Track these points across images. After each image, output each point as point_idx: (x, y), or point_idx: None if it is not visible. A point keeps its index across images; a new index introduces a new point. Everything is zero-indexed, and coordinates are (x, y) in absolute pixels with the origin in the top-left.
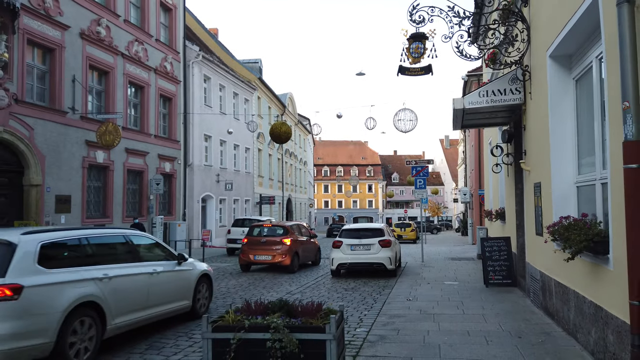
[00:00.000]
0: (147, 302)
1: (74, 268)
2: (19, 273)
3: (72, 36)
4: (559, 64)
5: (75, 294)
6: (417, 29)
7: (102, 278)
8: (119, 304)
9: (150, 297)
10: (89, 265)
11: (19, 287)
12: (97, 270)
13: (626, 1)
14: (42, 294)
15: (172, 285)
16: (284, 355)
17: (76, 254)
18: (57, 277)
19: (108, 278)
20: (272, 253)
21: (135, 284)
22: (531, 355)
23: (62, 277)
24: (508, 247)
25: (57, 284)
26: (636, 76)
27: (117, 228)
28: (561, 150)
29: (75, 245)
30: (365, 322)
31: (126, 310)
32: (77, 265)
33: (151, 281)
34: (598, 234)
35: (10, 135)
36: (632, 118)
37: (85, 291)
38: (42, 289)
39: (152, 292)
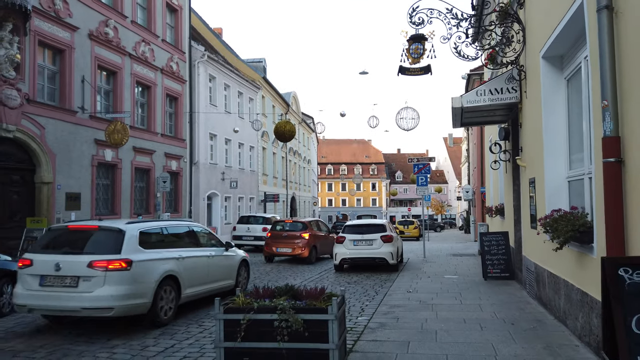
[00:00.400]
0: (206, 279)
1: (160, 249)
2: (128, 251)
3: (81, 37)
4: (551, 64)
5: (163, 268)
6: (416, 30)
7: (178, 258)
8: (189, 278)
9: (208, 275)
10: (169, 247)
11: (130, 261)
12: (174, 252)
13: (605, 7)
14: (143, 267)
15: (222, 267)
16: (290, 334)
17: (161, 239)
18: (151, 255)
19: (182, 258)
20: (293, 246)
21: (199, 264)
22: (522, 339)
23: (154, 256)
24: (506, 241)
25: (151, 260)
26: (614, 77)
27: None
28: (554, 146)
29: (159, 232)
30: (367, 311)
31: (193, 284)
32: (162, 248)
33: (209, 262)
34: (583, 224)
35: (23, 134)
36: (610, 116)
37: (168, 267)
38: (143, 263)
39: (209, 271)
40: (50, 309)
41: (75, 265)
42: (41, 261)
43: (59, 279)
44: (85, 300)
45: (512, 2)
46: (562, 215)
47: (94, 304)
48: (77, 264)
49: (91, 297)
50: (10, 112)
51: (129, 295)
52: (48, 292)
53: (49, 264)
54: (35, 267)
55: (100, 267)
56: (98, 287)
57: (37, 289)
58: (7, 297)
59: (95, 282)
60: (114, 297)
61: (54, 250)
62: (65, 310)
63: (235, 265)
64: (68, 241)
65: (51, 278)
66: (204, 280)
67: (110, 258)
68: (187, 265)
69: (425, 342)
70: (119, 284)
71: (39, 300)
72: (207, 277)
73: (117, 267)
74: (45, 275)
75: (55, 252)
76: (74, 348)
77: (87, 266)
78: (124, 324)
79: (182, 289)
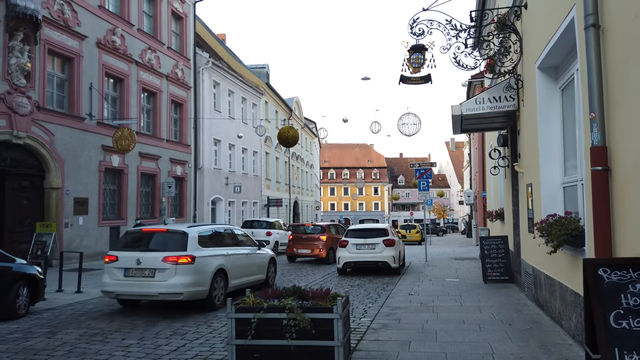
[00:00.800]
0: (245, 272)
1: (213, 248)
2: (191, 249)
3: (89, 46)
4: (547, 75)
5: (216, 262)
6: (417, 40)
7: (226, 255)
8: (233, 271)
9: (246, 269)
10: (218, 246)
11: (194, 257)
12: (222, 249)
13: (592, 25)
14: (203, 262)
15: (256, 263)
16: (298, 332)
17: (212, 239)
18: (207, 252)
19: (228, 255)
20: (312, 247)
21: (240, 260)
22: (518, 338)
23: (209, 253)
24: (505, 245)
25: (207, 256)
26: (601, 90)
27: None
28: (549, 153)
29: (211, 233)
30: (369, 313)
31: (236, 276)
32: (214, 246)
33: (247, 259)
34: (576, 228)
35: (33, 141)
36: (597, 127)
37: (219, 262)
38: (202, 258)
39: (247, 266)
40: (133, 294)
41: (153, 260)
42: (125, 257)
43: (140, 271)
44: (161, 287)
45: (510, 13)
46: (557, 220)
47: (168, 290)
48: (154, 259)
49: (166, 284)
50: (21, 119)
51: (193, 283)
52: (131, 281)
53: (131, 259)
54: (120, 261)
55: (172, 261)
56: (171, 277)
57: (122, 279)
58: (22, 300)
59: (168, 273)
60: (183, 284)
61: (134, 249)
62: (145, 295)
63: (266, 262)
64: (144, 241)
65: (133, 270)
66: (244, 273)
67: (179, 254)
68: (232, 260)
69: (426, 342)
70: (186, 274)
71: (124, 288)
72: (245, 271)
73: (184, 262)
74: (128, 268)
75: (135, 250)
76: (90, 347)
77: (161, 260)
78: (136, 325)
79: (229, 280)
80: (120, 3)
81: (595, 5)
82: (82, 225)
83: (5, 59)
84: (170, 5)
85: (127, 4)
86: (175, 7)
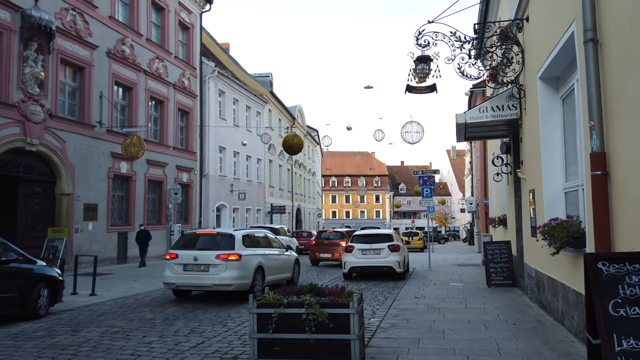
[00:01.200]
0: (277, 270)
1: (253, 248)
2: (238, 248)
3: (100, 55)
4: (548, 85)
5: (256, 260)
6: (422, 52)
7: (263, 254)
8: (269, 269)
9: (278, 268)
10: (256, 247)
11: (240, 255)
12: (260, 250)
13: (591, 40)
14: (246, 259)
15: (285, 263)
16: (317, 326)
17: (252, 241)
18: (250, 252)
19: (265, 254)
20: (332, 252)
21: (273, 259)
22: (523, 336)
23: (251, 252)
24: (509, 250)
25: (250, 255)
26: (600, 100)
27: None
28: (551, 160)
29: (251, 236)
30: (378, 314)
31: (271, 273)
32: (254, 247)
33: (278, 259)
34: (577, 230)
35: (45, 148)
36: (596, 134)
37: (259, 260)
38: (246, 257)
39: (278, 265)
40: (191, 285)
41: (207, 257)
42: (184, 254)
43: (197, 266)
44: (215, 280)
45: (512, 25)
46: (559, 223)
47: (220, 282)
48: (208, 256)
49: (218, 277)
50: (35, 127)
51: (240, 277)
52: (189, 275)
53: (189, 256)
54: (180, 258)
55: (223, 258)
56: (222, 271)
57: (181, 273)
58: (43, 300)
59: (220, 268)
60: (232, 277)
61: (190, 248)
62: (201, 286)
63: (292, 262)
64: (199, 242)
65: (191, 265)
66: (276, 271)
67: (228, 253)
68: (267, 259)
69: (434, 339)
70: (234, 269)
71: (183, 280)
72: (277, 269)
73: (233, 259)
74: (187, 264)
75: (192, 249)
76: (113, 344)
77: (214, 258)
78: (154, 324)
79: (266, 276)
80: (129, 13)
81: (593, 21)
82: (91, 230)
83: (20, 68)
84: (177, 15)
85: (136, 14)
86: (183, 18)
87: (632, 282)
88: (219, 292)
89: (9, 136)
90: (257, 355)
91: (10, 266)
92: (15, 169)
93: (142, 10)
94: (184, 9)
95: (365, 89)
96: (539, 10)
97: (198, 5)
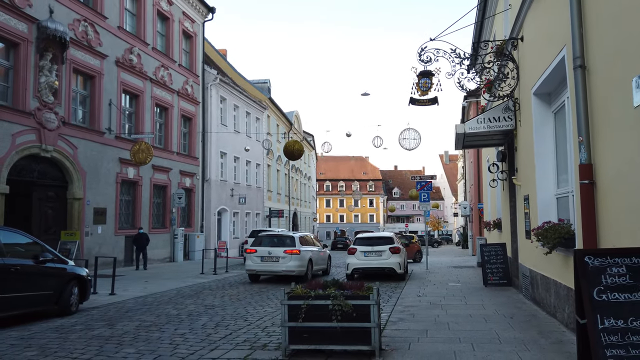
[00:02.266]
0: (319, 262)
1: (306, 246)
2: (298, 246)
3: (109, 64)
4: (541, 100)
5: (308, 254)
6: (424, 67)
7: (311, 250)
8: (315, 261)
9: (319, 261)
10: (307, 245)
11: (300, 250)
12: (310, 247)
13: (580, 67)
14: (303, 253)
15: (322, 257)
16: (342, 315)
17: (305, 241)
18: (304, 248)
19: (312, 250)
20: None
21: (317, 254)
22: (519, 327)
23: (305, 248)
24: (504, 251)
25: (305, 250)
26: (587, 118)
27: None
28: (544, 168)
29: (304, 237)
30: (385, 310)
31: (316, 264)
32: (306, 245)
33: (319, 254)
34: (568, 232)
35: (59, 154)
36: (584, 148)
37: (310, 254)
38: (303, 252)
39: (319, 259)
40: (266, 271)
41: (278, 252)
42: (261, 250)
43: (270, 258)
44: (282, 267)
45: (507, 43)
46: (552, 225)
47: (287, 269)
48: (278, 250)
49: (285, 266)
50: (49, 134)
51: (300, 265)
52: (265, 264)
53: (265, 251)
54: (258, 253)
55: (289, 252)
56: (288, 262)
57: (259, 263)
58: (74, 298)
59: (287, 259)
60: (295, 266)
61: (265, 245)
62: (274, 272)
63: (327, 257)
64: (270, 241)
65: (266, 257)
66: (318, 263)
67: (292, 248)
68: (314, 254)
69: (440, 330)
70: (296, 260)
71: (261, 268)
72: (318, 261)
73: (295, 253)
74: (263, 256)
75: (266, 245)
76: (150, 335)
77: (283, 252)
78: (181, 319)
79: (313, 266)
80: (136, 23)
81: (582, 49)
82: (100, 234)
83: (36, 78)
84: (181, 24)
85: (142, 24)
86: (186, 27)
87: (612, 272)
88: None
89: (25, 143)
90: (288, 341)
91: (47, 266)
92: (30, 174)
93: (148, 20)
94: (188, 18)
95: (362, 95)
96: (532, 32)
97: (201, 15)
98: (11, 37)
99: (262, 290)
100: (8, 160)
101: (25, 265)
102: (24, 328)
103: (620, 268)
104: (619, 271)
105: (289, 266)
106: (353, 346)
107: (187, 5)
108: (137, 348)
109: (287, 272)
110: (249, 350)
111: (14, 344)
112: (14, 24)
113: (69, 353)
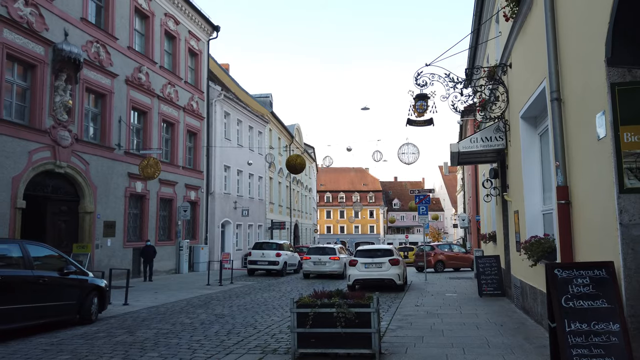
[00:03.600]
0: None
1: (342, 254)
2: (337, 254)
3: (119, 83)
4: (528, 123)
5: (343, 261)
6: (420, 90)
7: (344, 257)
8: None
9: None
10: (341, 254)
11: (339, 257)
12: (342, 256)
13: (556, 99)
14: (341, 260)
15: (341, 264)
16: (345, 321)
17: (340, 250)
18: (341, 256)
19: (343, 257)
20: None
21: (345, 260)
22: (508, 334)
23: (342, 256)
24: (498, 263)
25: (341, 257)
26: (563, 145)
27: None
28: (531, 186)
29: (339, 247)
30: (385, 319)
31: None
32: (340, 254)
33: (347, 260)
34: (550, 246)
35: (72, 170)
36: (561, 172)
37: (344, 260)
38: (341, 258)
39: (343, 264)
40: (317, 271)
41: (324, 258)
42: (313, 257)
43: (320, 262)
44: (329, 269)
45: (498, 69)
46: (537, 240)
47: (331, 270)
48: (325, 257)
49: (330, 268)
50: (63, 151)
51: (339, 267)
52: (316, 267)
53: (316, 258)
54: (311, 259)
55: (332, 259)
56: (332, 265)
57: (312, 266)
58: (94, 307)
59: (331, 263)
60: (337, 268)
61: (314, 254)
62: (323, 272)
63: (344, 263)
64: (318, 250)
65: (317, 262)
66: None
67: (334, 256)
68: (346, 259)
69: (435, 337)
70: (337, 264)
71: (314, 268)
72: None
73: (336, 259)
74: (315, 261)
75: (315, 254)
76: (169, 341)
77: (329, 258)
78: (195, 327)
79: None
80: (145, 43)
81: (557, 84)
82: (110, 246)
83: (51, 97)
84: (187, 43)
85: (151, 43)
86: (192, 45)
87: (577, 283)
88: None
89: (41, 160)
90: (297, 345)
91: (70, 278)
92: (45, 189)
93: (156, 39)
94: (193, 37)
95: (362, 110)
96: (520, 60)
97: (206, 33)
98: (29, 60)
99: (267, 301)
100: (25, 176)
101: (52, 277)
102: (51, 335)
103: (584, 279)
104: (584, 282)
105: (333, 268)
106: (355, 350)
107: (192, 25)
108: (159, 352)
109: (332, 272)
110: (261, 354)
111: (46, 349)
112: (32, 47)
113: (99, 357)
